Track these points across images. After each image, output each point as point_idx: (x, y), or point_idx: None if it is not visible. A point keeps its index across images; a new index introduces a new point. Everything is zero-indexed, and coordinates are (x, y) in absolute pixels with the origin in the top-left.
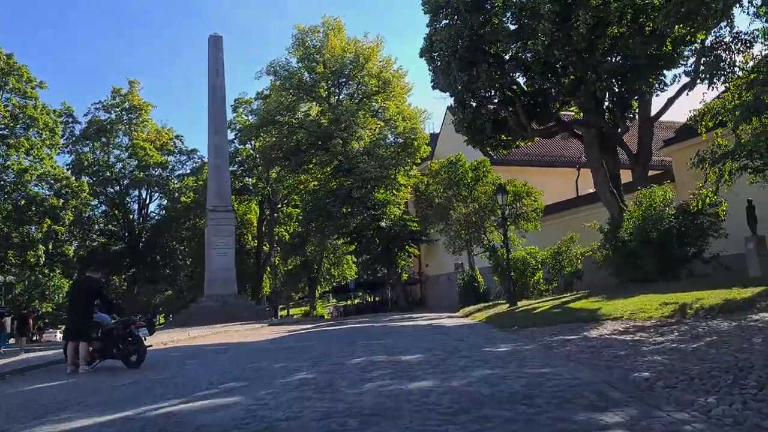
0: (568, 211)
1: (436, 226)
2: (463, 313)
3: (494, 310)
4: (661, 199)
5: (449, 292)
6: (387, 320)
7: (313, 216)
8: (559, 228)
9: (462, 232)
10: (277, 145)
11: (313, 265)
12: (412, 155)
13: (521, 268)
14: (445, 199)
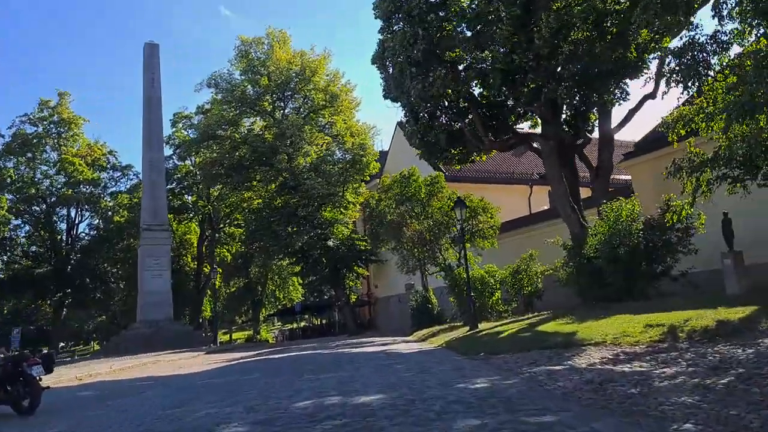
0: (524, 228)
1: (388, 245)
2: (417, 336)
3: (453, 334)
4: (629, 214)
5: (400, 314)
6: (336, 345)
7: (256, 235)
8: (516, 246)
9: (415, 250)
10: (218, 160)
11: (257, 287)
12: (360, 172)
13: (480, 288)
14: (397, 215)
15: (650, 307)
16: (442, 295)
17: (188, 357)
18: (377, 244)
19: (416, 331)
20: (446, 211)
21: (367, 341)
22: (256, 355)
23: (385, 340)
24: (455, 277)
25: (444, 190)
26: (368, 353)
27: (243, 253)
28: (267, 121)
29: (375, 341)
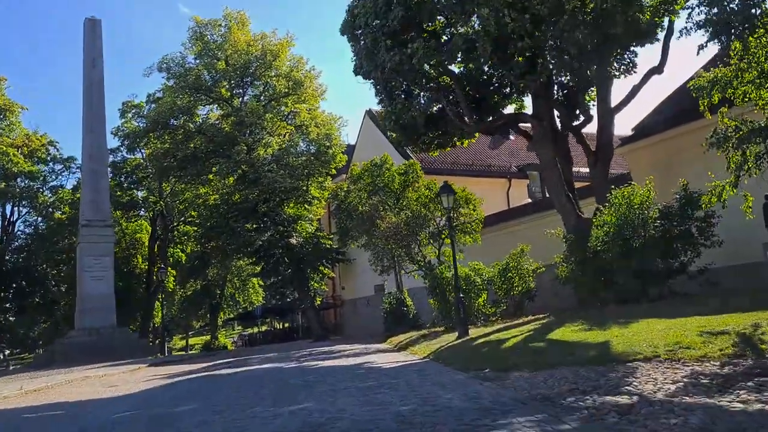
0: (508, 223)
1: (358, 241)
2: (393, 344)
3: (438, 342)
4: (643, 200)
5: (370, 318)
6: (301, 355)
7: (212, 233)
8: (500, 242)
9: (390, 246)
10: (170, 152)
11: (215, 290)
12: (326, 165)
13: (465, 288)
14: (369, 206)
15: (677, 309)
16: (419, 297)
17: (127, 371)
18: (346, 241)
19: (391, 337)
20: (424, 202)
21: (337, 350)
22: (206, 369)
23: (357, 349)
24: (436, 277)
25: (420, 179)
26: (341, 368)
27: (200, 253)
28: (224, 110)
29: (345, 350)
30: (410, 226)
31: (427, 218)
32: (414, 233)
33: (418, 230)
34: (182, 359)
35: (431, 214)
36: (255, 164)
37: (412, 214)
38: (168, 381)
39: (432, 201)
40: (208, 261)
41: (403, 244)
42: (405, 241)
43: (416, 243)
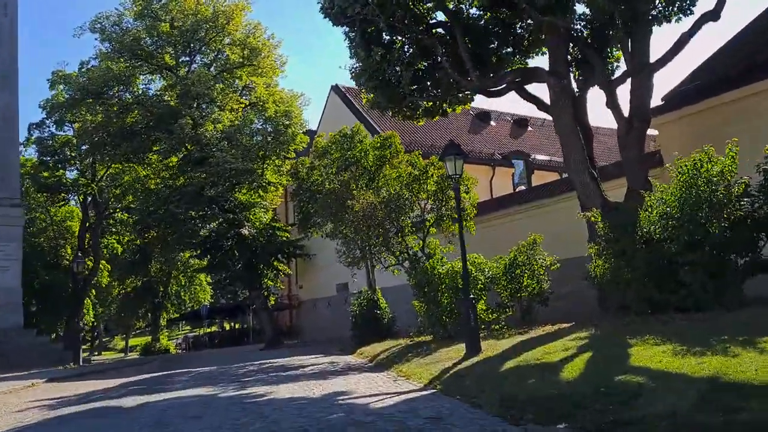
0: (509, 210)
1: (323, 229)
2: (366, 356)
3: (437, 360)
4: (726, 169)
5: (331, 321)
6: (246, 372)
7: (150, 220)
8: (493, 235)
9: (364, 233)
10: (103, 125)
11: (157, 288)
12: (284, 146)
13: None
14: (339, 183)
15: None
16: (394, 299)
17: (10, 390)
18: (308, 230)
19: (362, 346)
20: (407, 182)
21: (294, 364)
22: (110, 392)
23: (321, 363)
24: (425, 272)
25: (400, 155)
26: (304, 409)
27: (140, 247)
28: (168, 80)
29: (305, 364)
30: (390, 208)
31: (411, 201)
32: (395, 218)
33: (399, 214)
34: (96, 370)
35: (415, 196)
36: (201, 142)
37: (390, 196)
38: (42, 416)
39: (417, 181)
40: (150, 255)
41: (379, 231)
42: (382, 227)
43: (397, 230)
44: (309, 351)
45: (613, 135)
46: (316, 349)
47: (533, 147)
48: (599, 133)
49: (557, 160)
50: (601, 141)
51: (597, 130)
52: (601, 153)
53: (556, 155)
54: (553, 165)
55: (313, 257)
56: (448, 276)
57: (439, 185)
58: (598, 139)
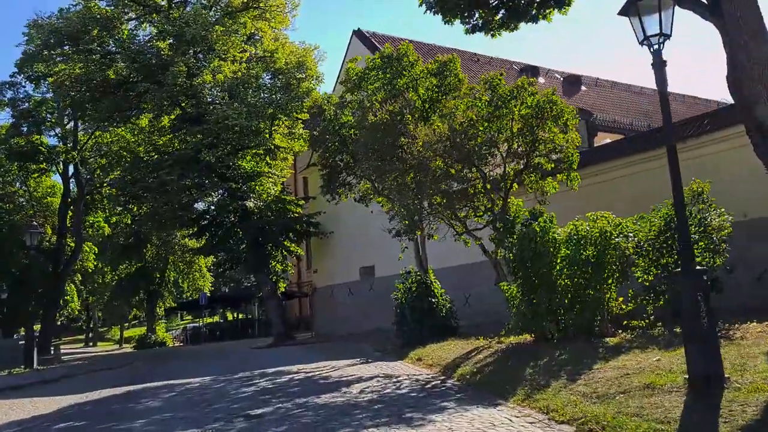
0: (622, 160)
1: (357, 188)
2: (430, 364)
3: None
4: None
5: (352, 312)
6: (257, 389)
7: (136, 190)
8: (605, 190)
9: (428, 182)
10: (81, 78)
11: (153, 274)
12: (297, 102)
13: (595, 261)
14: (387, 115)
15: None
16: (450, 283)
17: None
18: (336, 190)
19: (413, 348)
20: (485, 112)
21: (327, 374)
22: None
23: (364, 373)
24: (530, 238)
25: (463, 83)
26: None
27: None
28: (159, 26)
29: (344, 374)
30: (466, 149)
31: (491, 142)
32: (478, 158)
33: (479, 157)
34: (43, 379)
35: (495, 135)
36: (198, 95)
37: (463, 127)
38: None
39: (498, 112)
40: (145, 238)
41: (448, 181)
42: (465, 165)
43: (482, 176)
44: (336, 351)
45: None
46: (344, 349)
47: (591, 107)
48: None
49: (622, 121)
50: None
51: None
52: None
53: (620, 115)
54: (619, 126)
55: (331, 236)
56: (572, 243)
57: (527, 122)
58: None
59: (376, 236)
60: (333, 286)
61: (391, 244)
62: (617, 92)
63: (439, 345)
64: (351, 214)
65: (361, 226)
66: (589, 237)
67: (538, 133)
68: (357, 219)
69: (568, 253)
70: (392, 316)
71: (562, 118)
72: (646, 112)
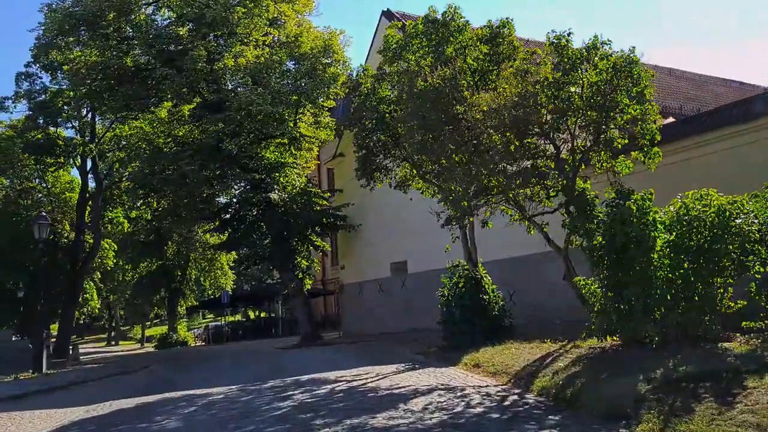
0: (712, 134)
1: (396, 172)
2: (494, 372)
3: None
4: None
5: (383, 310)
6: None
7: (156, 183)
8: (688, 169)
9: (487, 157)
10: (99, 65)
11: (174, 272)
12: (323, 88)
13: (708, 248)
14: (438, 80)
15: None
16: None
17: None
18: (370, 175)
19: (466, 352)
20: (552, 77)
21: (374, 385)
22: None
23: (419, 384)
24: (623, 221)
25: (518, 51)
26: None
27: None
28: (178, 10)
29: (394, 385)
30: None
31: (562, 111)
32: (550, 128)
33: (559, 122)
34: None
35: (564, 104)
36: (219, 81)
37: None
38: None
39: (564, 81)
40: (166, 235)
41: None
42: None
43: (556, 151)
44: (372, 354)
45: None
46: (380, 352)
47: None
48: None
49: (671, 105)
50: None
51: None
52: None
53: (669, 100)
54: (670, 110)
55: (359, 230)
56: (679, 226)
57: (599, 89)
58: None
59: (409, 229)
60: (362, 283)
61: (426, 238)
62: (661, 76)
63: (496, 348)
64: (382, 207)
65: (393, 219)
66: (703, 218)
67: (612, 102)
68: (388, 211)
69: (672, 239)
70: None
71: (639, 84)
72: (693, 97)
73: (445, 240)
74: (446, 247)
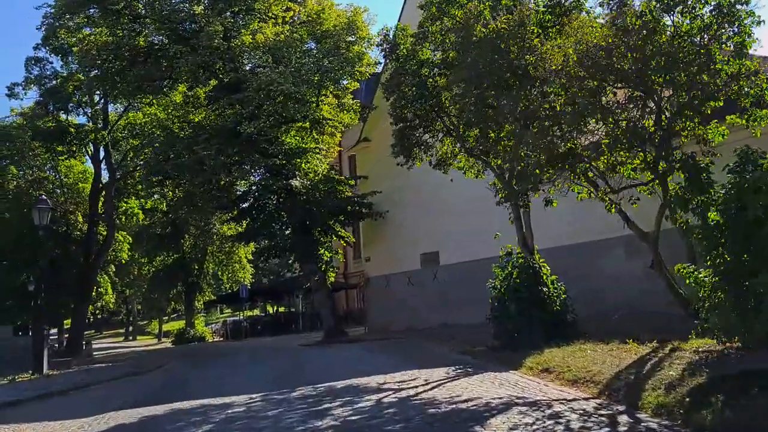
0: None
1: (443, 145)
2: (572, 380)
3: None
4: None
5: (411, 305)
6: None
7: (169, 168)
8: None
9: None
10: (110, 45)
11: (191, 266)
12: (347, 67)
13: None
14: (505, 26)
15: None
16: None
17: None
18: (409, 151)
19: (527, 354)
20: (639, 24)
21: (431, 396)
22: None
23: (493, 396)
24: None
25: (585, 15)
26: None
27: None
28: None
29: (453, 396)
30: None
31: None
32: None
33: (647, 79)
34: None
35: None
36: (236, 59)
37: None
38: None
39: (651, 28)
40: (182, 228)
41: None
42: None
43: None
44: (408, 354)
45: None
46: (416, 351)
47: None
48: None
49: None
50: None
51: None
52: None
53: None
54: None
55: (387, 220)
56: None
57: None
58: None
59: (442, 217)
60: (389, 276)
61: (462, 226)
62: None
63: (564, 350)
64: (411, 194)
65: (424, 207)
66: None
67: (708, 56)
68: (419, 199)
69: None
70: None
71: (740, 34)
72: None
73: (484, 227)
74: (496, 235)
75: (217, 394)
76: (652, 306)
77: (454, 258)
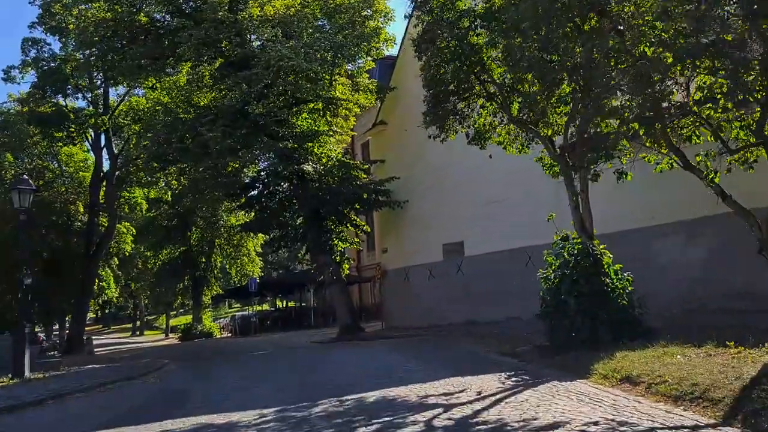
0: None
1: (483, 115)
2: (675, 395)
3: None
4: None
5: (432, 300)
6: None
7: (171, 152)
8: None
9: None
10: (108, 21)
11: (199, 259)
12: (363, 44)
13: None
14: None
15: None
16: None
17: None
18: (442, 121)
19: (586, 356)
20: None
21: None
22: None
23: (541, 407)
24: None
25: None
26: None
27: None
28: None
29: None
30: None
31: None
32: None
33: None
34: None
35: None
36: (242, 33)
37: None
38: None
39: None
40: (189, 221)
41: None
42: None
43: None
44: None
45: None
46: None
47: None
48: None
49: None
50: None
51: None
52: None
53: None
54: None
55: (405, 208)
56: None
57: None
58: None
59: (468, 204)
60: (407, 269)
61: (489, 212)
62: None
63: (642, 354)
64: (433, 180)
65: (447, 193)
66: None
67: None
68: (442, 184)
69: None
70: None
71: None
72: None
73: (515, 213)
74: (550, 216)
75: (220, 409)
76: (710, 300)
77: (480, 249)
